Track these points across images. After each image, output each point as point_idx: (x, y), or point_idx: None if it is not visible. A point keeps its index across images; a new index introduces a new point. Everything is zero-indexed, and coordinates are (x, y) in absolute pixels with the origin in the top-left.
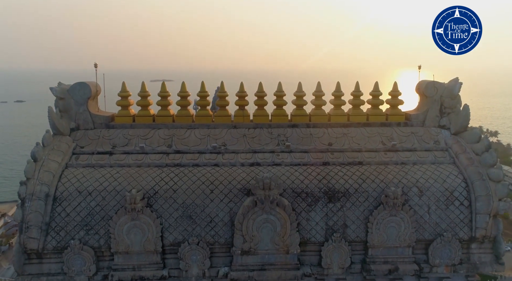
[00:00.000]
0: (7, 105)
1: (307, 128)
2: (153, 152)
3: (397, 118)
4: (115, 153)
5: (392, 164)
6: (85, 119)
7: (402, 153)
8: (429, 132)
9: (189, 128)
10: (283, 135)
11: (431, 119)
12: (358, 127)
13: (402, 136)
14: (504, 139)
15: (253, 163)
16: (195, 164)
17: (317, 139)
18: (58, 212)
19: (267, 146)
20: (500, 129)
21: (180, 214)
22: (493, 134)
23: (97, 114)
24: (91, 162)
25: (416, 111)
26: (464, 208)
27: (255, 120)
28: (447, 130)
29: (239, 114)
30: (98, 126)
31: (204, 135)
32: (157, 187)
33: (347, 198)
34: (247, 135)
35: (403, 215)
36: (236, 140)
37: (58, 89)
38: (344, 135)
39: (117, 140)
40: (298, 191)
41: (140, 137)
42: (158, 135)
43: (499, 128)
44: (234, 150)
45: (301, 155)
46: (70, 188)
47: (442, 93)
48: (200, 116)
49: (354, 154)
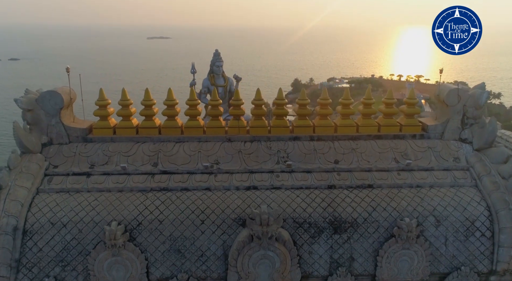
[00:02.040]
0: (1, 64)
1: (310, 142)
2: (136, 173)
3: (413, 129)
4: (93, 174)
5: (406, 188)
6: (59, 132)
7: (417, 173)
8: (448, 147)
9: (178, 141)
10: (283, 150)
11: (451, 131)
12: (368, 140)
13: (418, 151)
14: (508, 101)
15: (250, 186)
16: (184, 188)
17: (322, 156)
18: (29, 247)
19: (265, 164)
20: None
21: (167, 248)
22: (496, 96)
23: (72, 126)
24: (65, 186)
25: (434, 121)
26: (486, 240)
27: (252, 132)
28: (469, 145)
29: (234, 125)
30: (74, 139)
31: (195, 150)
32: (141, 218)
33: (354, 228)
34: (243, 150)
35: (417, 248)
36: (230, 157)
37: (24, 99)
38: (352, 150)
39: (96, 157)
40: (300, 221)
41: (122, 153)
42: (142, 151)
43: (502, 89)
44: (228, 170)
45: (303, 175)
46: (41, 220)
47: (465, 102)
48: (190, 128)
49: (363, 175)
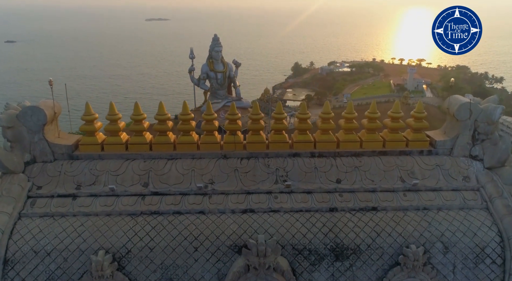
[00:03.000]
0: None
1: (311, 158)
2: (125, 194)
3: (420, 145)
4: (80, 196)
5: (413, 210)
6: (43, 150)
7: (424, 194)
8: (457, 164)
9: (170, 158)
10: (282, 168)
11: (461, 148)
12: (373, 156)
13: (425, 169)
14: (510, 86)
15: (246, 209)
16: (176, 211)
17: (323, 174)
18: (10, 278)
19: (263, 184)
20: (506, 74)
21: (158, 277)
22: (498, 81)
23: (57, 142)
24: (50, 209)
25: (443, 135)
26: (496, 267)
27: (249, 148)
28: (479, 162)
29: (230, 140)
30: (59, 156)
31: (188, 168)
32: (130, 245)
33: (357, 255)
34: (239, 169)
35: (423, 277)
36: (226, 176)
37: (3, 116)
38: (355, 168)
39: (82, 176)
40: (299, 247)
41: (110, 172)
42: (132, 170)
43: (505, 73)
44: (224, 191)
45: (303, 197)
46: (24, 248)
47: (477, 117)
48: (183, 143)
49: (367, 196)
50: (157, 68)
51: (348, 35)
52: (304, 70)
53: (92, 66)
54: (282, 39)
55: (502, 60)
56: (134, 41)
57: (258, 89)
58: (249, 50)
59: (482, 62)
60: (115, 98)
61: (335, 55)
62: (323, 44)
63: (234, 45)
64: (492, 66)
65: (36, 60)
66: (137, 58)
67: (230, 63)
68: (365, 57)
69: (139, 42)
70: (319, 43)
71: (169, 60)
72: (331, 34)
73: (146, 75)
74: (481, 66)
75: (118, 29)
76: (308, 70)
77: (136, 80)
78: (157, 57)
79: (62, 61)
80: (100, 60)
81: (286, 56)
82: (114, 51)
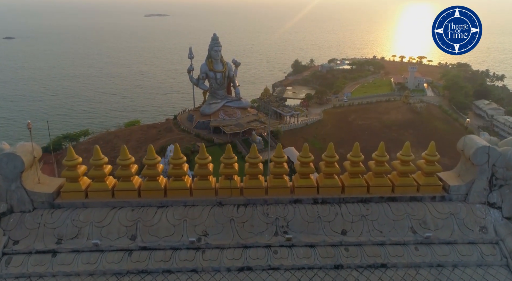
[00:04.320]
0: None
1: (314, 205)
2: (111, 249)
3: (432, 190)
4: (60, 252)
5: (425, 267)
6: (20, 199)
7: (438, 247)
8: (473, 213)
9: (160, 206)
10: (282, 218)
11: (477, 194)
12: (381, 203)
13: (438, 218)
14: (511, 84)
15: (243, 267)
16: (166, 269)
17: (327, 224)
18: None
19: (261, 236)
20: (508, 72)
21: None
22: (499, 78)
23: (37, 190)
24: (26, 269)
25: (457, 179)
26: None
27: (247, 194)
28: (497, 211)
29: (226, 186)
30: (39, 205)
31: (179, 218)
32: None
33: None
34: (236, 218)
35: None
36: (221, 227)
37: None
38: (362, 217)
39: (64, 229)
40: None
41: (94, 224)
42: (119, 220)
43: (506, 71)
44: (219, 245)
45: (306, 251)
46: None
47: (495, 162)
48: (175, 189)
49: (375, 250)
50: (155, 66)
51: (348, 32)
52: (304, 68)
53: (90, 64)
54: (282, 35)
55: (503, 58)
56: (132, 37)
57: (257, 87)
58: (249, 46)
59: (483, 59)
60: (112, 97)
61: (335, 51)
62: (323, 40)
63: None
64: (493, 64)
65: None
66: (135, 55)
67: (229, 63)
68: (365, 54)
69: (137, 38)
70: (319, 40)
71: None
72: (331, 30)
73: (144, 73)
74: (482, 63)
75: (117, 25)
76: (308, 68)
77: (134, 79)
78: (155, 53)
79: (60, 58)
80: (99, 57)
81: (286, 52)
82: (112, 48)
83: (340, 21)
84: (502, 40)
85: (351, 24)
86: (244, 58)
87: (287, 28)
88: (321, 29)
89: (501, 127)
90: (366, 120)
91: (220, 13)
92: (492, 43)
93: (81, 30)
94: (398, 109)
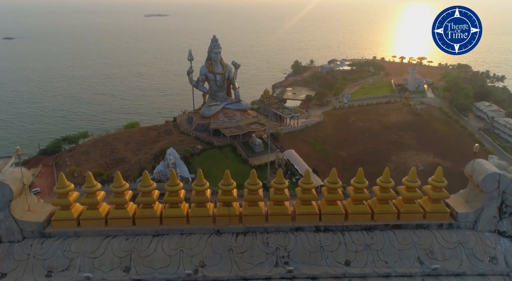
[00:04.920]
0: None
1: (316, 233)
2: None
3: (439, 217)
4: None
5: None
6: (9, 228)
7: (446, 279)
8: (483, 242)
9: (156, 234)
10: (283, 247)
11: (486, 222)
12: (386, 231)
13: (446, 247)
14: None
15: None
16: None
17: (330, 254)
18: None
19: (261, 267)
20: (508, 73)
21: None
22: (500, 79)
23: (26, 219)
24: None
25: (465, 205)
26: None
27: (246, 221)
28: (508, 240)
29: (224, 213)
30: (29, 235)
31: (176, 248)
32: None
33: None
34: (235, 248)
35: None
36: (219, 258)
37: None
38: (366, 246)
39: (54, 260)
40: None
41: (87, 254)
42: (112, 251)
43: (506, 72)
44: (216, 277)
45: None
46: None
47: (505, 189)
48: (171, 217)
49: None
50: (155, 67)
51: (348, 32)
52: (304, 68)
53: (89, 65)
54: (281, 35)
55: (503, 58)
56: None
57: (257, 88)
58: (248, 47)
59: (483, 60)
60: (111, 99)
61: (335, 52)
62: (323, 41)
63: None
64: (493, 64)
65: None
66: (134, 56)
67: (229, 65)
68: (365, 55)
69: (137, 38)
70: (318, 40)
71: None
72: (330, 31)
73: (144, 74)
74: (483, 64)
75: (116, 25)
76: (308, 68)
77: (133, 81)
78: (155, 54)
79: (59, 59)
80: (98, 58)
81: (286, 53)
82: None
83: (340, 21)
84: (503, 41)
85: (351, 24)
86: (244, 58)
87: (287, 28)
88: (321, 29)
89: (502, 129)
90: (366, 122)
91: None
92: (492, 43)
93: (80, 30)
94: (398, 111)
